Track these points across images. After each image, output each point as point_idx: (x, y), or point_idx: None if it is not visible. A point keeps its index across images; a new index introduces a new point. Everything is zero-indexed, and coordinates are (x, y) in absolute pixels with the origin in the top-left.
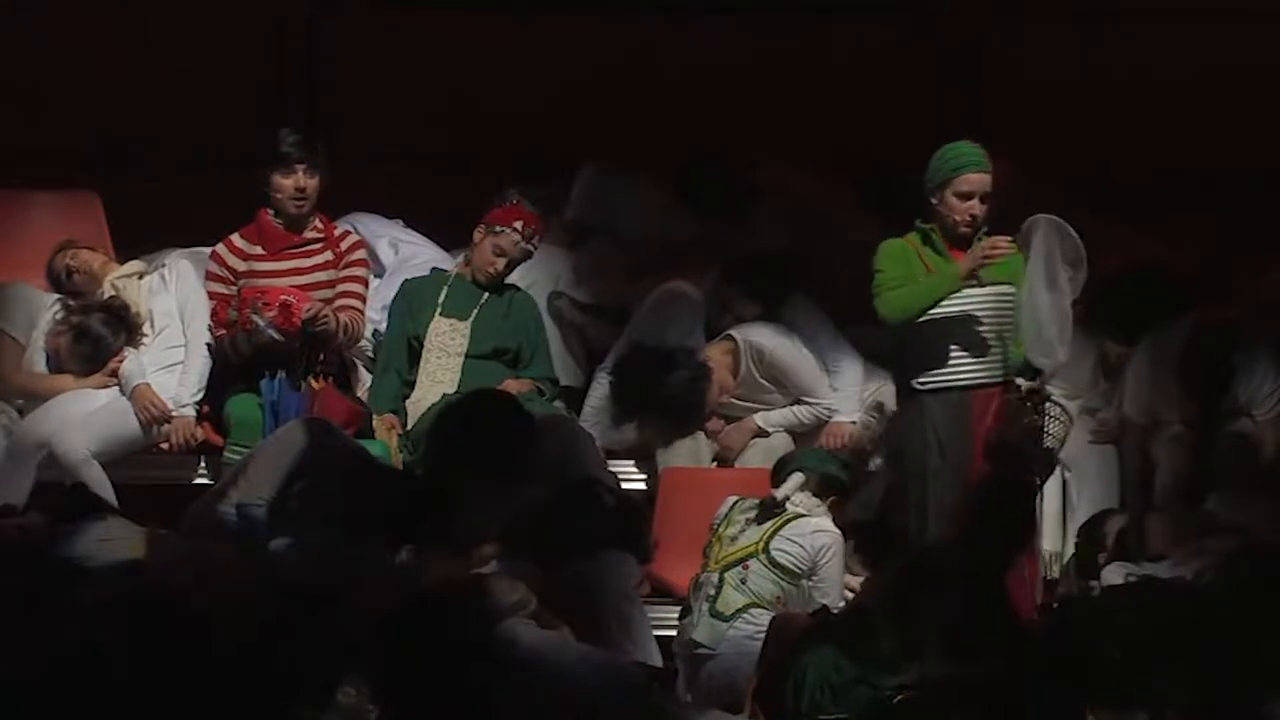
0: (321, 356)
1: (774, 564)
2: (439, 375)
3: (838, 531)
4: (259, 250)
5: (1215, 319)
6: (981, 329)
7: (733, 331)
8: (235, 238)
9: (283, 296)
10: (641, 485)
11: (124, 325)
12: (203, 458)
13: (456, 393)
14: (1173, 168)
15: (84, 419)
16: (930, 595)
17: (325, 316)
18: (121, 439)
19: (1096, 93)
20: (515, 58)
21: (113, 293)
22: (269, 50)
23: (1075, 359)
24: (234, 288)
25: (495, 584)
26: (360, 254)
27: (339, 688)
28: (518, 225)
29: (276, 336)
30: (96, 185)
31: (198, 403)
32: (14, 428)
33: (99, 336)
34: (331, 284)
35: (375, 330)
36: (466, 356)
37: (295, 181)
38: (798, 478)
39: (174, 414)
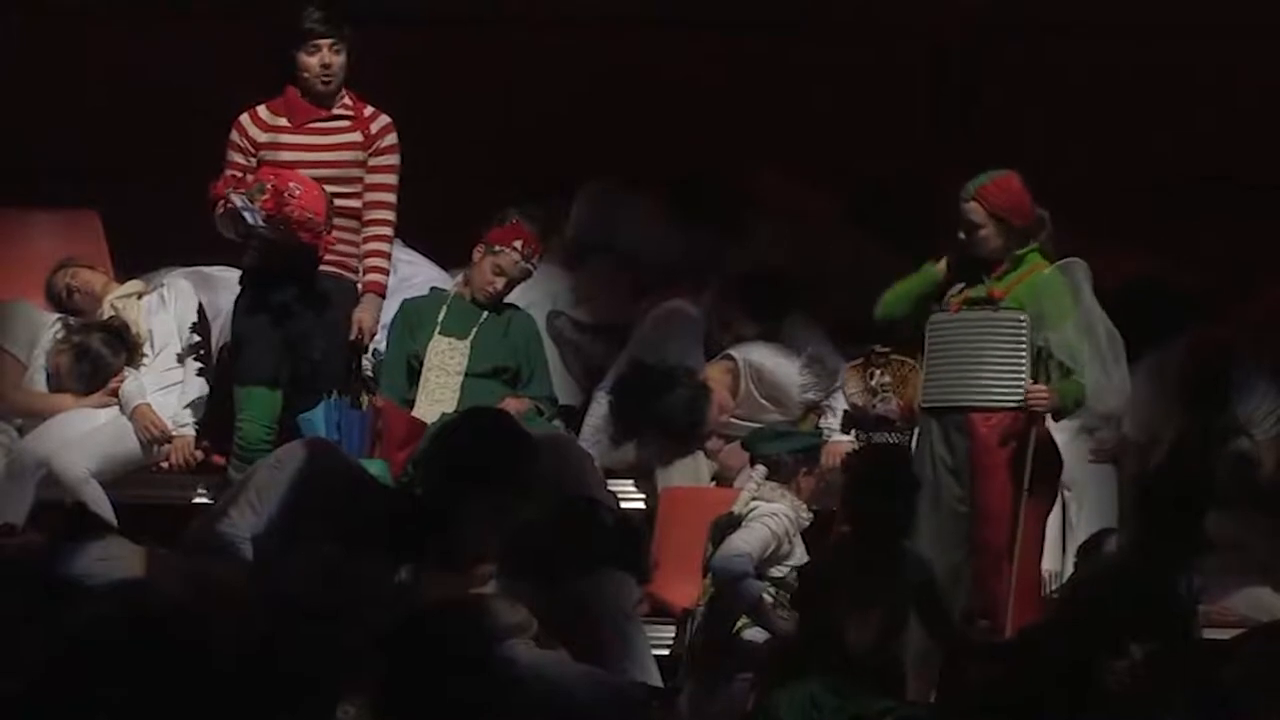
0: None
1: None
2: (438, 394)
3: (782, 507)
4: (283, 122)
5: (1214, 337)
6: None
7: (732, 350)
8: (260, 108)
9: (291, 183)
10: (641, 504)
11: (124, 345)
12: (202, 477)
13: (456, 412)
14: (1171, 181)
15: (83, 438)
16: (844, 581)
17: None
18: (121, 458)
19: (1094, 106)
20: (514, 76)
21: (112, 312)
22: (272, 68)
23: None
24: (253, 159)
25: (496, 605)
26: (391, 139)
27: (338, 705)
28: (517, 245)
29: (255, 222)
30: (97, 204)
31: (197, 422)
32: (14, 447)
33: (99, 356)
34: (360, 164)
35: (375, 350)
36: (466, 375)
37: (320, 59)
38: (760, 471)
39: (174, 434)
